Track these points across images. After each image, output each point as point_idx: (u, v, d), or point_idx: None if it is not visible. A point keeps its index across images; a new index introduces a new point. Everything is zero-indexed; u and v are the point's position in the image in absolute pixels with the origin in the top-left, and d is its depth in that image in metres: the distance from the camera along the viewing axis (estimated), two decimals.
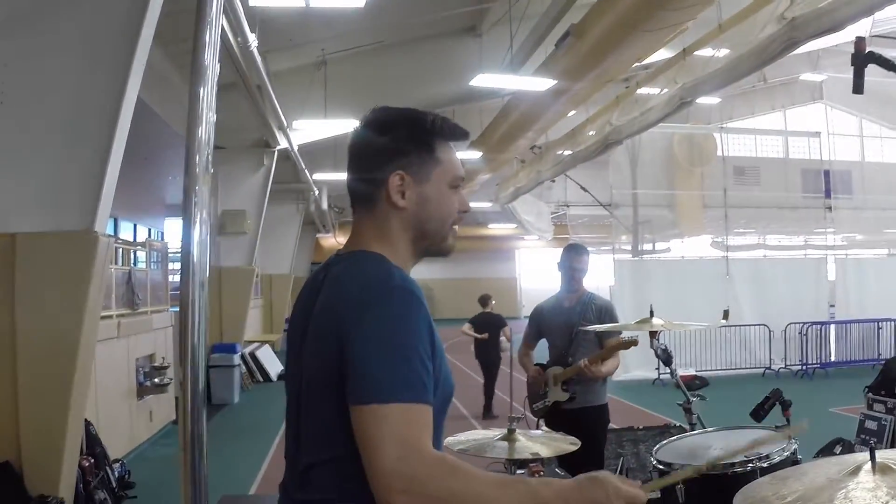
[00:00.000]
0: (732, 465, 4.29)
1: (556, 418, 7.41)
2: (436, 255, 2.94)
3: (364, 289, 2.62)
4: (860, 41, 3.89)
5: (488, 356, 17.74)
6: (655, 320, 6.33)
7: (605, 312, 7.68)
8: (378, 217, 2.84)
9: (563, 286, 7.94)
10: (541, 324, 8.09)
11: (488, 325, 17.90)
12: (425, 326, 2.57)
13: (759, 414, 5.34)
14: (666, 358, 6.26)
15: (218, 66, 2.52)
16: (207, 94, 2.57)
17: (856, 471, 2.57)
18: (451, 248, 2.94)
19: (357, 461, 2.43)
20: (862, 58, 3.92)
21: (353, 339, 2.50)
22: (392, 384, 2.41)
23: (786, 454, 4.33)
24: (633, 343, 7.06)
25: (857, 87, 3.94)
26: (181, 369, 2.56)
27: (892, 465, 2.54)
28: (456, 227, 2.92)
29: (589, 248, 8.13)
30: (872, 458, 2.58)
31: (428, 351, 2.53)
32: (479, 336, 17.74)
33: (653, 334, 6.41)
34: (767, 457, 4.28)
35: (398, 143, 2.82)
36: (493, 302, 18.77)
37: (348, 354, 2.50)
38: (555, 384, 7.60)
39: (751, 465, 4.24)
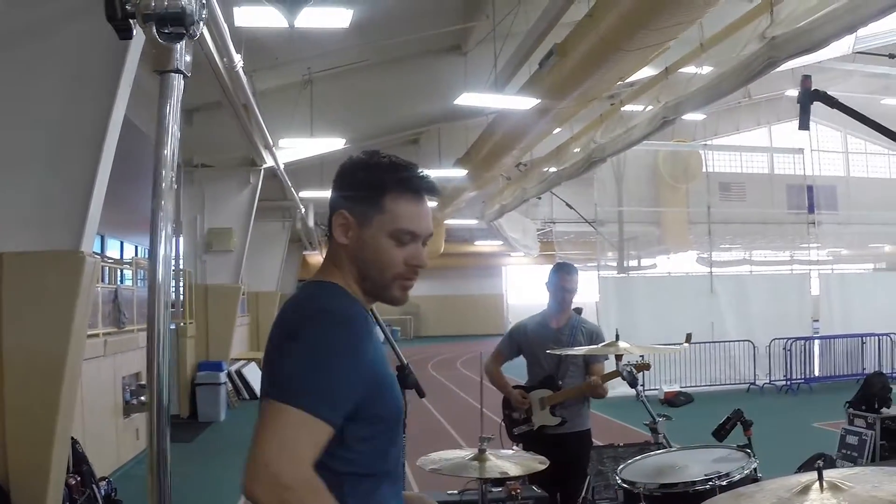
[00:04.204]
0: (693, 482, 4.39)
1: (538, 442, 7.06)
2: (383, 301, 3.04)
3: (298, 311, 2.83)
4: (806, 79, 3.99)
5: None
6: (622, 343, 6.40)
7: (595, 337, 7.61)
8: (332, 249, 3.02)
9: (551, 306, 7.78)
10: (523, 343, 7.88)
11: None
12: (353, 353, 2.71)
13: (720, 433, 5.44)
14: (631, 380, 6.36)
15: (182, 83, 2.59)
16: (173, 112, 2.63)
17: (805, 490, 2.67)
18: (394, 298, 3.00)
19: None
20: (808, 95, 4.02)
21: (282, 350, 2.71)
22: (297, 389, 2.58)
23: (745, 472, 4.43)
24: (645, 367, 6.99)
25: (803, 124, 4.04)
26: (148, 389, 2.63)
27: (840, 484, 2.64)
28: (405, 279, 2.99)
29: (575, 265, 8.05)
30: (820, 477, 2.67)
31: (350, 376, 2.67)
32: None
33: (618, 357, 6.48)
34: (727, 474, 4.37)
35: (350, 184, 2.98)
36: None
37: (275, 364, 2.72)
38: (542, 408, 7.46)
39: (710, 482, 4.34)
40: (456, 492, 6.49)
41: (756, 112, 30.29)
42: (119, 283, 17.40)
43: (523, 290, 58.90)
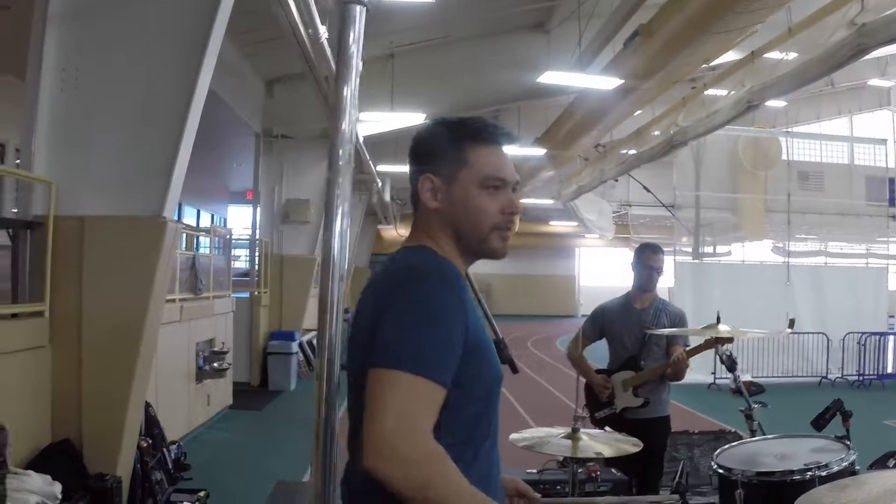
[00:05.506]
0: (792, 472, 4.32)
1: (620, 427, 6.66)
2: (484, 257, 2.99)
3: (398, 273, 2.80)
4: None
5: None
6: (722, 327, 6.30)
7: (679, 320, 7.55)
8: (421, 216, 3.00)
9: (636, 285, 7.73)
10: (605, 325, 7.81)
11: None
12: (456, 312, 2.67)
13: (819, 423, 5.35)
14: (731, 364, 6.24)
15: (361, 63, 2.62)
16: (352, 90, 2.68)
17: None
18: (495, 249, 2.96)
19: None
20: None
21: (382, 316, 2.62)
22: (405, 353, 2.52)
23: (844, 464, 4.34)
24: (727, 340, 6.83)
25: None
26: (318, 362, 2.65)
27: None
28: (503, 229, 2.94)
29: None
30: None
31: (455, 336, 2.63)
32: None
33: (718, 341, 6.39)
34: (826, 465, 4.30)
35: (429, 147, 2.99)
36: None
37: (377, 330, 2.61)
38: (625, 389, 7.41)
39: (810, 473, 4.26)
40: (535, 471, 6.47)
41: (838, 100, 29.90)
42: (196, 250, 17.51)
43: (596, 272, 58.76)
